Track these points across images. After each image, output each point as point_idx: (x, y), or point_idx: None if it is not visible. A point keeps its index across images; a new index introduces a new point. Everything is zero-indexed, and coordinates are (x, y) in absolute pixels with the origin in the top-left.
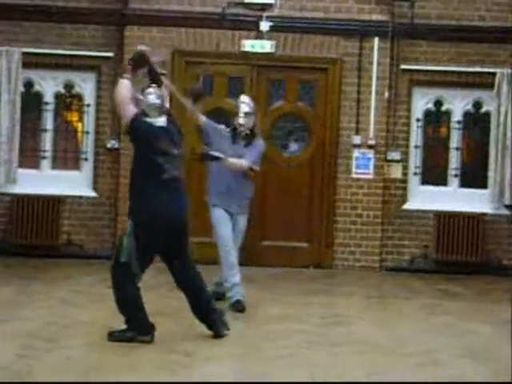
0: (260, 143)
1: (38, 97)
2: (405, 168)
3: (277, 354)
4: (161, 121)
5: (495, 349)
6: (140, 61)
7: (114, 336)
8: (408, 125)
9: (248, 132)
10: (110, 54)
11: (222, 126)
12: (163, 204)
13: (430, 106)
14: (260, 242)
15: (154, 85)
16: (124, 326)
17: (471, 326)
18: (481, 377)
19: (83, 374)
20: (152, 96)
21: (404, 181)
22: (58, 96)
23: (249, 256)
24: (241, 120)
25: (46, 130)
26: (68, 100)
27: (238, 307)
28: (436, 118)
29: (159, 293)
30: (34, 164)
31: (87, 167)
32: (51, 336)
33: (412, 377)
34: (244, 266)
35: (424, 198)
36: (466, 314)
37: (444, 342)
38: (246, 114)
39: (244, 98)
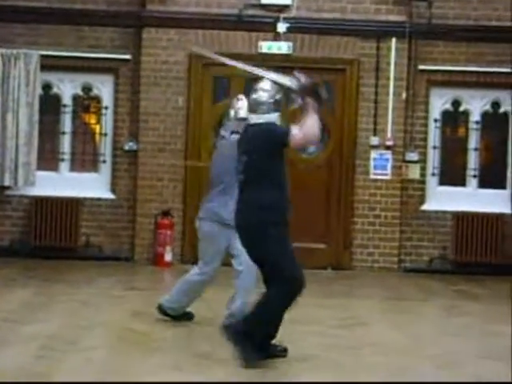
0: None
1: (57, 99)
2: (423, 169)
3: (295, 355)
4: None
5: None
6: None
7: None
8: (426, 125)
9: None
10: (128, 57)
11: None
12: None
13: (448, 106)
14: None
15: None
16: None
17: (490, 327)
18: (501, 378)
19: (102, 376)
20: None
21: (422, 181)
22: (76, 98)
23: None
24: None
25: (64, 133)
26: (86, 102)
27: None
28: (454, 118)
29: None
30: (53, 166)
31: (105, 169)
32: (70, 338)
33: (432, 378)
34: None
35: (442, 199)
36: (485, 315)
37: (463, 344)
38: (244, 119)
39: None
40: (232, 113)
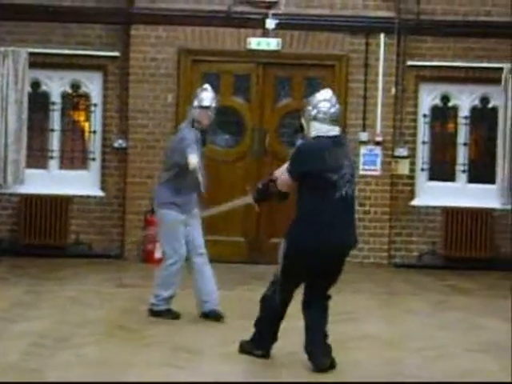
0: None
1: (45, 97)
2: (412, 164)
3: (287, 351)
4: None
5: (504, 343)
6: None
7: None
8: (415, 121)
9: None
10: (117, 54)
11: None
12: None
13: (437, 101)
14: (269, 240)
15: None
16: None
17: (480, 321)
18: (490, 371)
19: (93, 372)
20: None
21: (412, 177)
22: (64, 96)
23: (258, 254)
24: (211, 116)
25: (53, 130)
26: (75, 100)
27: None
28: (443, 113)
29: None
30: (42, 164)
31: (95, 167)
32: (61, 335)
33: (421, 371)
34: (252, 263)
35: (432, 194)
36: (474, 310)
37: (453, 337)
38: (214, 108)
39: (210, 91)
40: (195, 102)
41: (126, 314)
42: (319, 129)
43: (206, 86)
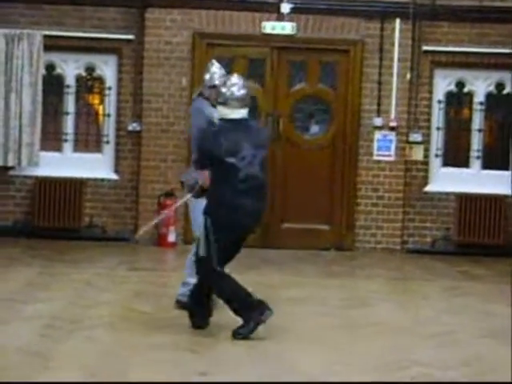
0: None
1: (60, 80)
2: (426, 150)
3: (298, 335)
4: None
5: None
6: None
7: (239, 334)
8: (430, 106)
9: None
10: (131, 37)
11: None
12: None
13: (452, 87)
14: (281, 224)
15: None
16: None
17: (492, 307)
18: (501, 357)
19: (103, 354)
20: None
21: (425, 163)
22: (79, 79)
23: (269, 238)
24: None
25: (67, 113)
26: (89, 83)
27: None
28: (458, 99)
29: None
30: (56, 147)
31: (108, 150)
32: (73, 317)
33: (432, 357)
34: (265, 248)
35: (446, 180)
36: (487, 296)
37: (465, 323)
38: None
39: (218, 67)
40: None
41: (138, 297)
42: (222, 112)
43: (213, 61)
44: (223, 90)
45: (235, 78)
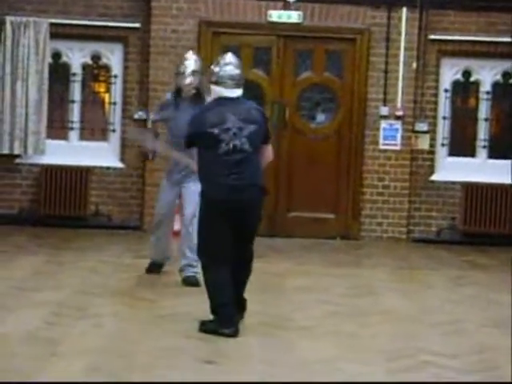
0: None
1: (66, 68)
2: (432, 139)
3: (304, 324)
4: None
5: None
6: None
7: (203, 326)
8: (436, 96)
9: (194, 91)
10: (137, 25)
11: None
12: None
13: (459, 76)
14: (287, 213)
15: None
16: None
17: (498, 296)
18: (506, 347)
19: (109, 341)
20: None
21: (432, 152)
22: (85, 67)
23: (276, 227)
24: (187, 80)
25: (73, 101)
26: (95, 71)
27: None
28: (464, 88)
29: None
30: (62, 135)
31: (114, 138)
32: (79, 305)
33: (438, 346)
34: (271, 236)
35: (452, 170)
36: (492, 285)
37: (470, 312)
38: (194, 72)
39: (191, 56)
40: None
41: (145, 284)
42: (215, 91)
43: (191, 54)
44: (216, 69)
45: (229, 57)
